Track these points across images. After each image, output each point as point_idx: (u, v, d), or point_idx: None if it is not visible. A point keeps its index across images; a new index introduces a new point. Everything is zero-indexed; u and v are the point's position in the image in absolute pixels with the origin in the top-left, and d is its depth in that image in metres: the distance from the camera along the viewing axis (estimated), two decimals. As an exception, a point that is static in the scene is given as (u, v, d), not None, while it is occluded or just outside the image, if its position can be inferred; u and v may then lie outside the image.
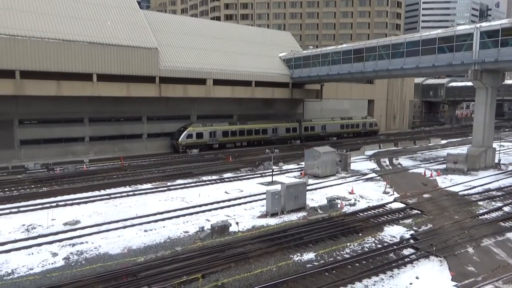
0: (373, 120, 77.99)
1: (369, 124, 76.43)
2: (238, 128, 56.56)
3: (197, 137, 51.82)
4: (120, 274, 15.74)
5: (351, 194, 30.11)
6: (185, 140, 50.76)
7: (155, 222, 23.08)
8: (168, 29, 55.85)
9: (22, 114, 43.78)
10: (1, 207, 25.78)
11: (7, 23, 39.49)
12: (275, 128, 61.10)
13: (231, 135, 55.64)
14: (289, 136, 63.14)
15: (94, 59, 43.14)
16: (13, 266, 17.04)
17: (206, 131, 52.81)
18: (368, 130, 76.18)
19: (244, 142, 57.43)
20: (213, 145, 53.82)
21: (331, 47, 57.15)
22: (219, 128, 54.42)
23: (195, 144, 51.56)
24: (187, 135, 51.03)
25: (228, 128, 55.65)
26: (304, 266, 17.15)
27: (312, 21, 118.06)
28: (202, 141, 52.50)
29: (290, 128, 63.26)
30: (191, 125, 52.56)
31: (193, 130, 51.73)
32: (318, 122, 67.97)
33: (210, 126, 53.63)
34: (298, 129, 64.41)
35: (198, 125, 52.82)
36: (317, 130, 67.37)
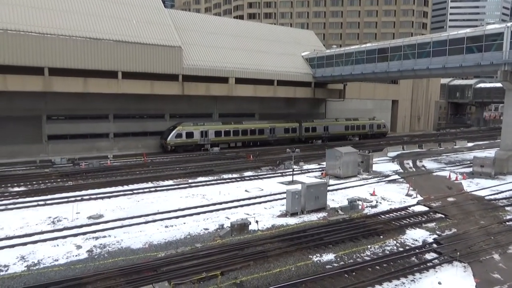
0: (381, 121, 74.38)
1: (376, 126, 72.72)
2: (232, 128, 54.01)
3: (187, 137, 49.65)
4: (142, 269, 16.02)
5: (373, 195, 29.66)
6: (173, 139, 48.80)
7: (176, 218, 23.37)
8: (191, 28, 56.40)
9: (50, 110, 45.15)
10: (29, 200, 26.70)
11: (37, 21, 40.80)
12: (272, 128, 58.19)
13: (224, 135, 53.18)
14: (288, 137, 60.29)
15: (119, 57, 44.08)
16: (39, 256, 17.60)
17: (196, 131, 50.54)
18: (376, 132, 72.54)
19: (238, 143, 55.03)
20: (204, 145, 51.57)
21: (355, 46, 56.42)
22: (211, 127, 52.07)
23: (184, 144, 49.64)
24: (176, 134, 48.98)
25: (221, 127, 53.14)
26: (324, 267, 17.02)
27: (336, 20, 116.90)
28: (192, 141, 50.32)
29: (289, 129, 60.29)
30: (180, 124, 50.32)
31: (182, 129, 49.55)
32: (320, 123, 64.65)
33: (202, 125, 51.34)
34: (298, 130, 61.39)
35: (189, 124, 50.60)
36: (319, 131, 63.99)
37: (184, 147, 49.49)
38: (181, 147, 49.23)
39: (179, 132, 49.15)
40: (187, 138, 49.64)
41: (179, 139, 49.08)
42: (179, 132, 49.12)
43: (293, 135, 60.68)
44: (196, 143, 50.65)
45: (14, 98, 42.31)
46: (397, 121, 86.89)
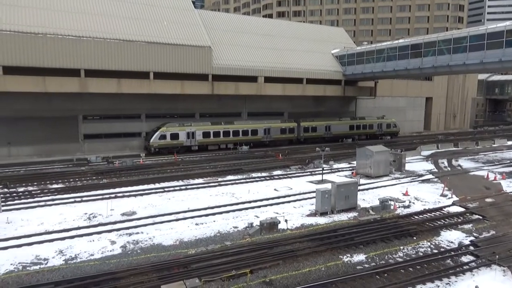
0: (392, 120, 69.11)
1: (386, 125, 67.53)
2: (222, 129, 50.85)
3: (171, 138, 47.13)
4: (173, 265, 16.33)
5: (406, 195, 28.91)
6: (157, 141, 46.40)
7: (206, 216, 23.67)
8: (220, 28, 56.90)
9: (85, 110, 46.84)
10: (66, 196, 27.81)
11: (73, 25, 42.41)
12: (267, 128, 54.61)
13: (213, 136, 50.23)
14: (285, 138, 56.55)
15: (151, 58, 45.12)
16: (76, 251, 18.30)
17: (182, 132, 47.87)
18: (385, 131, 67.51)
19: (229, 145, 51.88)
20: (191, 147, 48.99)
21: (387, 43, 55.10)
22: (198, 128, 49.19)
23: (169, 145, 47.08)
24: (160, 135, 46.55)
25: (210, 128, 50.12)
26: (354, 268, 16.75)
27: (366, 16, 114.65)
28: (178, 143, 47.73)
29: (286, 129, 56.40)
30: (165, 125, 47.90)
31: (166, 130, 47.02)
32: (320, 122, 60.17)
33: (188, 126, 48.66)
34: (296, 130, 57.56)
35: (174, 125, 47.98)
36: (319, 131, 59.81)
37: (169, 149, 47.11)
38: (165, 149, 46.94)
39: (163, 133, 46.78)
40: (172, 140, 47.17)
41: (163, 140, 46.73)
42: (163, 134, 46.76)
43: (290, 135, 57.06)
44: (181, 145, 48.13)
45: (52, 99, 44.20)
46: (431, 119, 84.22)
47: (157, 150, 46.57)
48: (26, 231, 20.74)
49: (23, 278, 15.46)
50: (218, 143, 51.00)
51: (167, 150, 46.96)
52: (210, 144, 50.33)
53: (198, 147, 49.33)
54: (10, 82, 38.65)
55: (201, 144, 49.51)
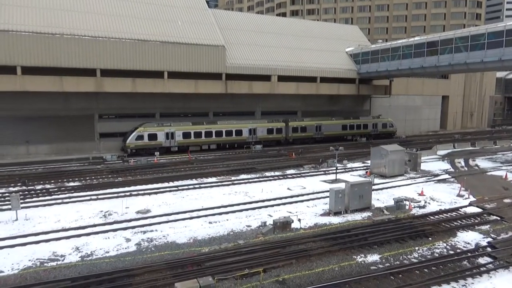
0: (388, 120, 65.85)
1: (382, 125, 64.39)
2: (204, 129, 48.80)
3: (149, 139, 45.40)
4: (186, 263, 16.46)
5: (421, 195, 28.51)
6: (134, 142, 44.73)
7: (219, 214, 23.78)
8: (234, 27, 57.01)
9: (101, 109, 47.52)
10: (83, 194, 28.29)
11: (89, 25, 43.08)
12: (253, 128, 52.20)
13: (194, 137, 48.21)
14: (272, 138, 54.04)
15: (165, 58, 45.53)
16: (92, 248, 18.60)
17: (161, 132, 46.13)
18: (381, 131, 64.30)
19: (212, 145, 49.78)
20: (171, 148, 47.22)
21: (402, 40, 54.39)
22: (178, 128, 47.31)
23: (147, 146, 45.41)
24: (137, 136, 44.81)
25: (190, 128, 48.11)
26: (368, 268, 16.61)
27: (381, 14, 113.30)
28: (156, 143, 45.94)
29: (273, 129, 53.92)
30: (142, 125, 46.12)
31: (144, 130, 45.27)
32: (310, 122, 57.22)
33: (168, 126, 46.90)
34: (284, 130, 54.96)
35: (152, 125, 46.25)
36: (309, 131, 57.02)
37: (147, 150, 45.50)
38: (143, 150, 45.31)
39: (140, 133, 45.08)
40: (150, 140, 45.48)
41: (140, 141, 45.05)
42: (140, 134, 45.06)
43: (278, 136, 54.55)
44: (160, 146, 46.32)
45: (69, 98, 45.00)
46: (448, 117, 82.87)
47: (134, 151, 44.95)
48: (43, 228, 21.18)
49: (41, 274, 15.79)
50: (200, 144, 49.03)
51: (145, 151, 45.33)
52: (191, 145, 48.34)
53: (178, 148, 47.49)
54: (29, 82, 39.51)
55: (181, 145, 47.68)
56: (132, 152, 44.94)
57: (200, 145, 49.10)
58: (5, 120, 42.24)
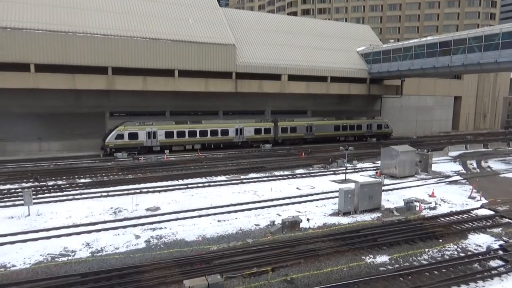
0: (383, 121, 63.72)
1: (376, 126, 62.23)
2: (187, 128, 47.42)
3: (130, 138, 44.15)
4: (195, 260, 16.53)
5: (432, 197, 28.21)
6: (113, 141, 43.49)
7: (228, 213, 23.83)
8: (245, 26, 57.05)
9: (112, 107, 47.96)
10: (93, 191, 28.59)
11: (101, 23, 43.50)
12: (239, 128, 50.69)
13: (177, 136, 46.83)
14: (260, 138, 52.27)
15: (176, 56, 45.76)
16: (102, 244, 18.79)
17: (142, 131, 44.83)
18: (376, 133, 62.23)
19: (196, 145, 48.33)
20: (152, 147, 45.90)
21: (414, 40, 53.87)
22: (160, 127, 45.97)
23: (127, 146, 44.13)
24: (116, 135, 43.62)
25: (173, 128, 46.69)
26: (377, 269, 16.50)
27: (393, 13, 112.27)
28: (137, 143, 44.72)
29: (261, 129, 52.23)
30: (122, 124, 44.94)
31: (124, 129, 43.99)
32: (300, 122, 55.57)
33: (150, 125, 45.55)
34: (272, 131, 53.25)
35: (133, 124, 44.98)
36: (299, 131, 55.26)
37: (127, 150, 44.31)
38: (123, 149, 44.08)
39: (120, 132, 43.81)
40: (130, 140, 44.24)
41: (120, 140, 43.81)
42: (120, 133, 43.79)
43: (266, 136, 52.78)
44: (141, 145, 45.13)
45: (81, 96, 45.49)
46: (460, 118, 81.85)
47: (113, 150, 43.79)
48: (55, 224, 21.47)
49: (52, 268, 16.01)
50: (183, 144, 47.70)
51: (126, 151, 44.16)
52: (174, 145, 47.19)
53: (160, 147, 46.32)
54: (42, 79, 40.06)
55: (164, 144, 46.44)
56: (112, 151, 43.72)
57: (184, 144, 47.78)
58: (18, 117, 42.88)
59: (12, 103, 42.53)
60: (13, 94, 42.01)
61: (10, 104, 42.49)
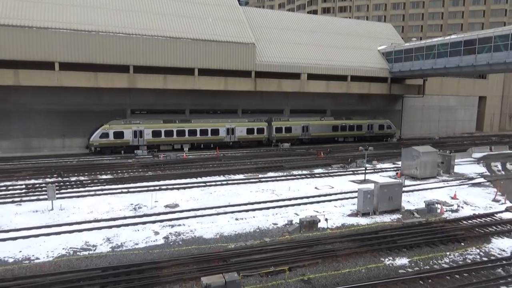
0: (386, 121, 61.07)
1: (378, 127, 59.89)
2: (176, 127, 46.22)
3: (115, 137, 43.21)
4: (213, 258, 16.65)
5: (454, 199, 27.58)
6: (98, 139, 42.67)
7: (246, 212, 23.89)
8: (264, 24, 56.98)
9: (133, 105, 48.72)
10: (114, 187, 29.13)
11: (123, 22, 44.23)
12: (230, 128, 49.26)
13: (165, 136, 45.69)
14: (252, 138, 50.81)
15: (196, 55, 46.12)
16: (122, 239, 19.13)
17: (128, 130, 43.77)
18: (377, 133, 59.86)
19: (185, 145, 46.75)
20: (139, 147, 44.92)
21: (438, 39, 52.66)
22: (147, 126, 44.85)
23: (112, 145, 43.39)
24: (101, 134, 42.75)
25: (161, 127, 45.58)
26: (396, 271, 16.24)
27: (416, 11, 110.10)
28: (123, 142, 43.76)
29: (253, 129, 50.68)
30: (108, 122, 43.86)
31: (109, 128, 43.07)
32: (296, 122, 53.74)
33: (136, 123, 44.53)
34: (266, 131, 51.65)
35: (119, 123, 43.93)
36: (295, 132, 53.48)
37: (113, 149, 43.66)
38: (108, 148, 43.45)
39: (105, 131, 42.92)
40: (115, 139, 43.29)
41: (105, 139, 42.93)
42: (105, 132, 42.90)
43: (259, 136, 51.19)
44: (127, 144, 44.14)
45: (102, 94, 46.37)
46: (484, 119, 79.64)
47: (98, 149, 43.14)
48: (77, 218, 21.99)
49: (73, 262, 16.40)
50: (172, 143, 46.56)
51: (110, 150, 43.59)
52: (161, 144, 46.13)
53: (147, 147, 45.32)
54: (66, 77, 41.05)
55: (151, 144, 45.39)
56: (96, 150, 43.19)
57: (172, 144, 46.65)
58: (43, 114, 44.06)
59: (37, 100, 43.77)
60: (38, 91, 43.23)
61: (35, 102, 43.74)
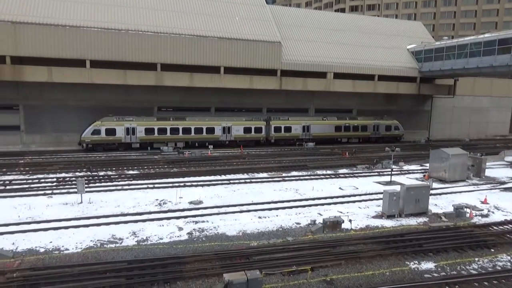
0: (393, 121, 58.48)
1: (385, 128, 57.53)
2: (169, 125, 45.56)
3: (107, 134, 42.93)
4: (235, 255, 16.76)
5: (484, 203, 26.66)
6: (89, 136, 42.46)
7: (269, 210, 23.90)
8: (291, 23, 56.73)
9: (160, 102, 49.63)
10: (140, 182, 29.78)
11: (151, 21, 45.07)
12: (227, 127, 48.29)
13: (158, 133, 45.10)
14: (249, 138, 49.65)
15: (222, 53, 46.46)
16: (147, 234, 19.54)
17: (120, 127, 43.38)
18: (384, 135, 57.60)
19: (179, 143, 46.56)
20: (131, 144, 44.53)
21: (470, 37, 50.95)
22: (140, 124, 44.29)
23: (104, 141, 43.16)
24: (93, 130, 42.51)
25: (154, 124, 44.95)
26: (422, 276, 15.87)
27: (448, 9, 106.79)
28: (115, 139, 43.44)
29: (251, 128, 49.54)
30: (100, 119, 43.69)
31: (101, 125, 42.78)
32: (296, 121, 52.07)
33: (129, 120, 44.05)
34: (264, 130, 50.50)
35: (111, 119, 43.53)
36: (295, 131, 51.86)
37: (104, 146, 43.46)
38: (99, 145, 43.21)
39: (97, 128, 42.68)
40: (107, 135, 43.04)
41: (97, 136, 42.69)
42: (97, 128, 42.67)
43: (257, 135, 50.01)
44: (119, 141, 43.82)
45: (130, 91, 47.45)
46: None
47: (90, 146, 42.99)
48: (104, 212, 22.62)
49: (101, 254, 16.89)
50: (165, 141, 45.92)
51: (102, 147, 43.49)
52: (154, 142, 45.56)
53: (140, 144, 44.95)
54: (96, 75, 42.26)
55: (144, 141, 44.93)
56: (88, 147, 43.10)
57: (166, 142, 46.06)
58: (73, 110, 45.54)
59: (69, 96, 45.29)
60: (70, 88, 44.72)
61: (67, 98, 45.27)
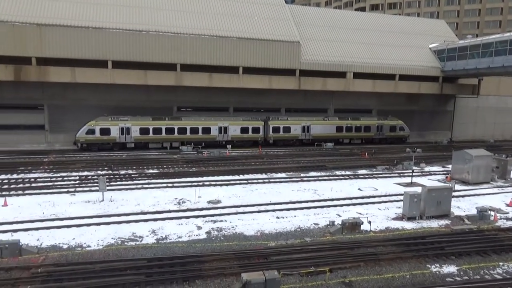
0: (398, 122, 56.47)
1: (389, 128, 55.63)
2: (164, 125, 45.11)
3: (101, 133, 42.84)
4: (253, 255, 16.78)
5: (509, 206, 25.89)
6: (84, 136, 42.44)
7: (287, 210, 23.84)
8: (310, 22, 56.42)
9: (179, 102, 50.15)
10: (160, 181, 30.17)
11: (171, 22, 45.63)
12: (223, 127, 47.55)
13: (153, 133, 44.74)
14: (247, 138, 48.76)
15: (241, 53, 46.61)
16: (166, 232, 19.78)
17: (114, 127, 43.22)
18: (388, 135, 55.77)
19: (174, 143, 46.26)
20: (126, 144, 44.35)
21: (496, 36, 49.52)
22: (135, 123, 44.03)
23: (99, 141, 43.09)
24: (87, 130, 42.49)
25: (149, 124, 44.58)
26: (443, 279, 15.53)
27: (472, 7, 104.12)
28: (109, 139, 43.35)
29: (248, 128, 48.55)
30: (95, 119, 43.53)
31: (95, 124, 42.72)
32: (296, 122, 50.86)
33: (124, 120, 43.79)
34: (262, 130, 49.39)
35: (106, 119, 43.47)
36: (294, 132, 50.63)
37: (99, 145, 43.47)
38: (94, 145, 43.19)
39: (91, 127, 42.63)
40: (102, 135, 42.95)
41: (91, 135, 42.67)
42: (91, 128, 42.62)
43: (254, 136, 48.96)
44: (114, 141, 43.74)
45: (150, 91, 48.13)
46: (547, 122, 73.82)
47: (84, 146, 43.00)
48: (125, 210, 23.02)
49: (121, 251, 17.19)
50: (160, 141, 45.70)
51: (97, 147, 43.46)
52: (149, 142, 45.31)
53: (134, 144, 44.77)
54: (117, 75, 43.07)
55: (139, 141, 44.69)
56: (83, 146, 43.11)
57: (161, 142, 45.88)
58: (95, 110, 46.43)
59: (91, 96, 46.27)
60: (92, 88, 45.68)
61: (89, 98, 46.27)
